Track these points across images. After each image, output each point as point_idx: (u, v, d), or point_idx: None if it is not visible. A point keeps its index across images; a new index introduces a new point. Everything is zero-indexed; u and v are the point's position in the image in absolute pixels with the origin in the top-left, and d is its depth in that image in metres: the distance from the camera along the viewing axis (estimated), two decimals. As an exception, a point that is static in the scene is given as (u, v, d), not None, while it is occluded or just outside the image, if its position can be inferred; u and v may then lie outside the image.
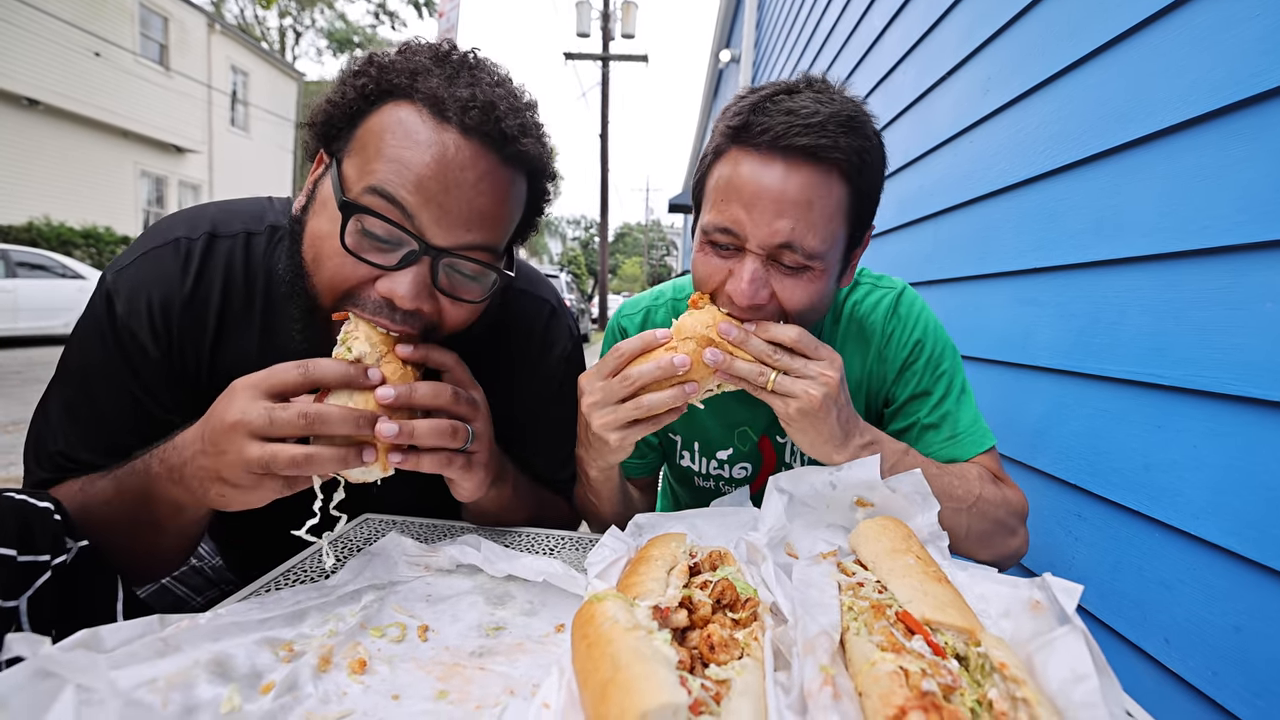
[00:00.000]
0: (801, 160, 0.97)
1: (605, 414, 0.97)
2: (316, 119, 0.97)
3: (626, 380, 0.94)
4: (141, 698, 0.61)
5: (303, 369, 0.86)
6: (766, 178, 0.98)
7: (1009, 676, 0.61)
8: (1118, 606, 1.29)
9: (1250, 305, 1.04)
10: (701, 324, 0.98)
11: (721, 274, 1.05)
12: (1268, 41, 1.02)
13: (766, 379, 0.97)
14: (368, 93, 0.92)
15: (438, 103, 0.89)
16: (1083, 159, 1.47)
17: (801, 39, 5.06)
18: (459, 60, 0.96)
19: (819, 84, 1.04)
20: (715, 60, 13.13)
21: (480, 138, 0.91)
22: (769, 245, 0.99)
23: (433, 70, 0.92)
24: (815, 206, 0.98)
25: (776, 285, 1.02)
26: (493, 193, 0.93)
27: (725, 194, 1.02)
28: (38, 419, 1.06)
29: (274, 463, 0.81)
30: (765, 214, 0.98)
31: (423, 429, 0.90)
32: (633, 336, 0.99)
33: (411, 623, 0.87)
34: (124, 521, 0.96)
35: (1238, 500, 1.04)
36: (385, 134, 0.90)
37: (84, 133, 17.45)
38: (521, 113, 0.96)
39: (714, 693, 0.62)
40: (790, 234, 0.98)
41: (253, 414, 0.81)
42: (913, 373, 1.27)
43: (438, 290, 0.94)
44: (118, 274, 1.04)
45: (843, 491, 1.03)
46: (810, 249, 0.99)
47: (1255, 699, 0.98)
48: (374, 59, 0.94)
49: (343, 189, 0.90)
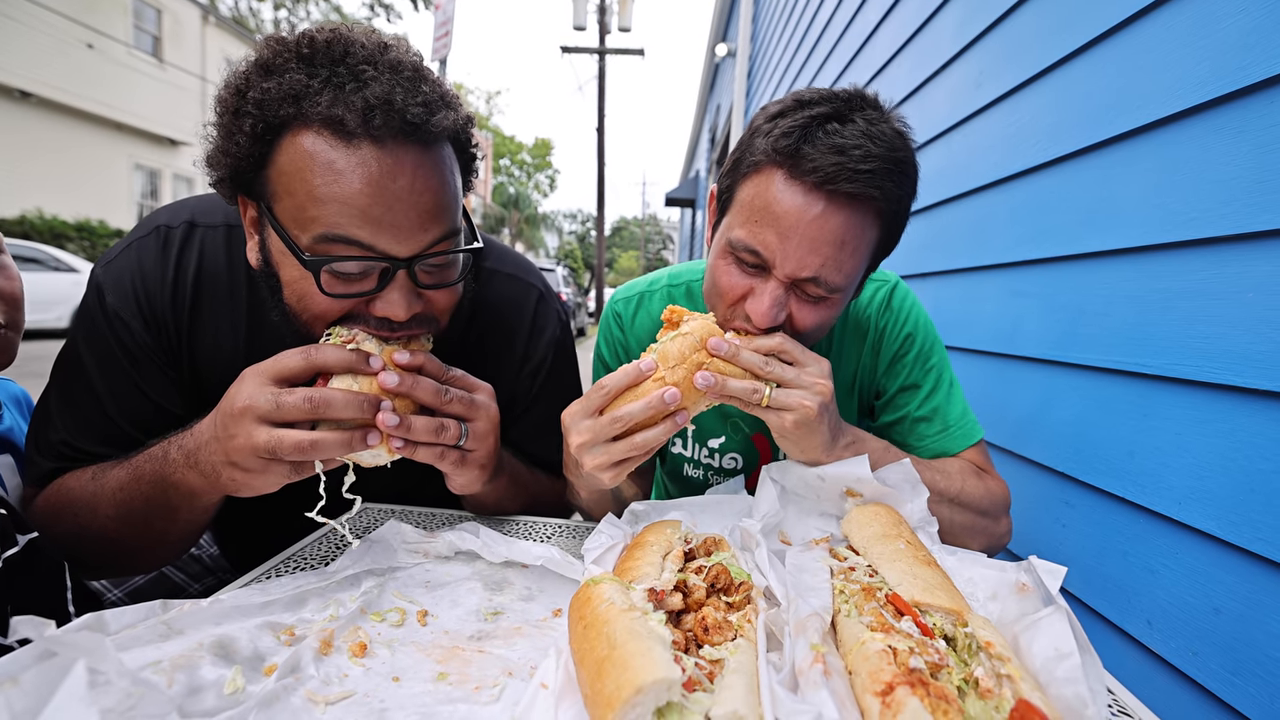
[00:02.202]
0: (844, 202, 0.97)
1: (597, 455, 0.93)
2: (222, 174, 0.92)
3: (616, 421, 0.90)
4: (147, 678, 0.62)
5: (306, 355, 0.87)
6: (807, 214, 0.97)
7: (994, 655, 0.63)
8: (1102, 590, 1.31)
9: (1233, 295, 1.06)
10: (687, 347, 0.94)
11: (741, 289, 1.05)
12: (1250, 38, 1.04)
13: (761, 395, 0.96)
14: (259, 133, 0.86)
15: (337, 122, 0.84)
16: (1073, 152, 1.49)
17: (798, 34, 5.06)
18: (328, 55, 0.88)
19: (871, 110, 1.01)
20: (711, 54, 13.09)
21: (394, 139, 0.87)
22: (795, 276, 1.00)
23: (310, 85, 0.85)
24: (848, 247, 0.99)
25: (794, 309, 1.04)
26: (430, 186, 0.91)
27: (760, 215, 1.00)
28: (39, 411, 1.08)
29: (280, 447, 0.83)
30: (799, 248, 0.98)
31: (419, 425, 0.91)
32: (615, 371, 0.93)
33: (411, 608, 0.88)
34: (139, 507, 0.98)
35: (1218, 486, 1.06)
36: (303, 173, 0.85)
37: (77, 125, 17.30)
38: (417, 87, 0.90)
39: (708, 671, 0.64)
40: (819, 270, 0.99)
41: (260, 399, 0.84)
42: (903, 365, 1.29)
43: (422, 289, 0.96)
44: (106, 266, 1.08)
45: (831, 484, 1.05)
46: (834, 285, 1.01)
47: (1233, 678, 1.01)
48: (246, 94, 0.87)
49: (295, 244, 0.88)
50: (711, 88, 14.91)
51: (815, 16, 4.41)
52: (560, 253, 63.02)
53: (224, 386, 1.14)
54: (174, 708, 0.62)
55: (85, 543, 1.03)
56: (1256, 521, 0.99)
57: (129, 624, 0.71)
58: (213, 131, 0.92)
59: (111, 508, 0.98)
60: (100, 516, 0.99)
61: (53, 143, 16.72)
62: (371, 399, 0.88)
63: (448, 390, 0.96)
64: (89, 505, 1.00)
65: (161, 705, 0.61)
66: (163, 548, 1.08)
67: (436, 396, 0.94)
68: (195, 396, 1.13)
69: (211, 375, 1.12)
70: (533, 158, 60.77)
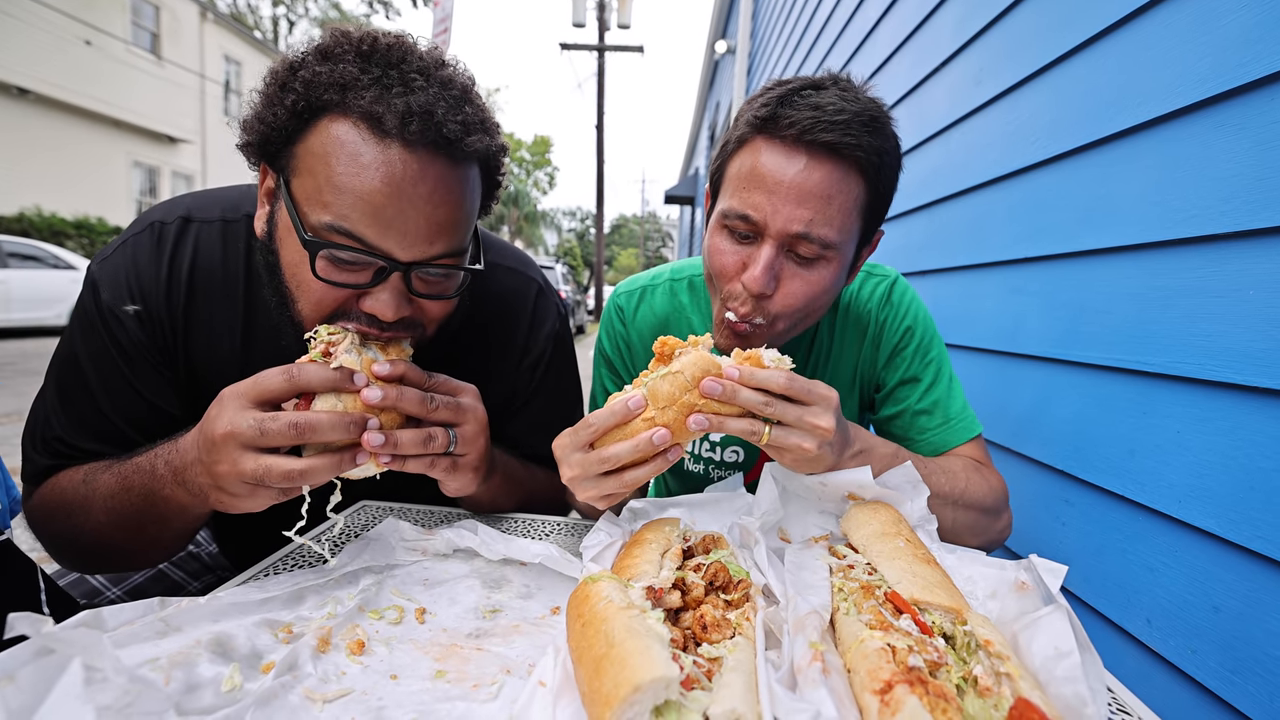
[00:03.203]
0: (824, 155, 1.00)
1: (588, 488, 0.92)
2: (251, 139, 0.94)
3: (605, 461, 0.88)
4: (145, 675, 0.62)
5: (288, 376, 0.85)
6: (790, 169, 1.00)
7: (993, 653, 0.62)
8: (1102, 589, 1.31)
9: (1233, 293, 1.06)
10: (678, 388, 0.88)
11: (737, 263, 1.07)
12: (1251, 34, 1.04)
13: (760, 435, 0.91)
14: (299, 110, 0.88)
15: (375, 118, 0.86)
16: (1073, 149, 1.49)
17: (797, 31, 5.05)
18: (386, 58, 0.90)
19: (844, 82, 1.06)
20: (711, 51, 13.08)
21: (425, 147, 0.88)
22: (787, 233, 1.02)
23: (360, 79, 0.87)
24: (834, 201, 1.01)
25: (786, 279, 1.05)
26: (448, 200, 0.91)
27: (747, 182, 1.04)
28: (36, 407, 1.08)
29: (268, 476, 0.82)
30: (786, 203, 1.00)
31: (405, 439, 0.90)
32: (603, 408, 0.90)
33: (409, 605, 0.88)
34: (130, 515, 0.98)
35: (1218, 484, 1.06)
36: (329, 157, 0.87)
37: (76, 122, 17.28)
38: (461, 107, 0.92)
39: (706, 669, 0.63)
40: (808, 224, 1.01)
41: (242, 425, 0.81)
42: (902, 358, 1.30)
43: (416, 296, 0.96)
44: (101, 264, 1.08)
45: (833, 489, 1.04)
46: (826, 240, 1.02)
47: (1232, 676, 1.01)
48: (297, 72, 0.89)
49: (301, 222, 0.88)
50: (711, 85, 14.89)
51: (815, 13, 4.40)
52: (559, 250, 62.93)
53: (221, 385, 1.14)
54: (171, 705, 0.61)
55: (80, 541, 1.03)
56: (1256, 520, 0.99)
57: (126, 621, 0.71)
58: (255, 98, 0.94)
59: (104, 513, 0.98)
60: (93, 520, 0.99)
61: (51, 140, 16.71)
62: (357, 418, 0.86)
63: (433, 398, 0.95)
64: (82, 507, 0.99)
65: (159, 703, 0.61)
66: (157, 549, 1.08)
67: (422, 406, 0.93)
68: (192, 395, 1.13)
69: (208, 373, 1.12)
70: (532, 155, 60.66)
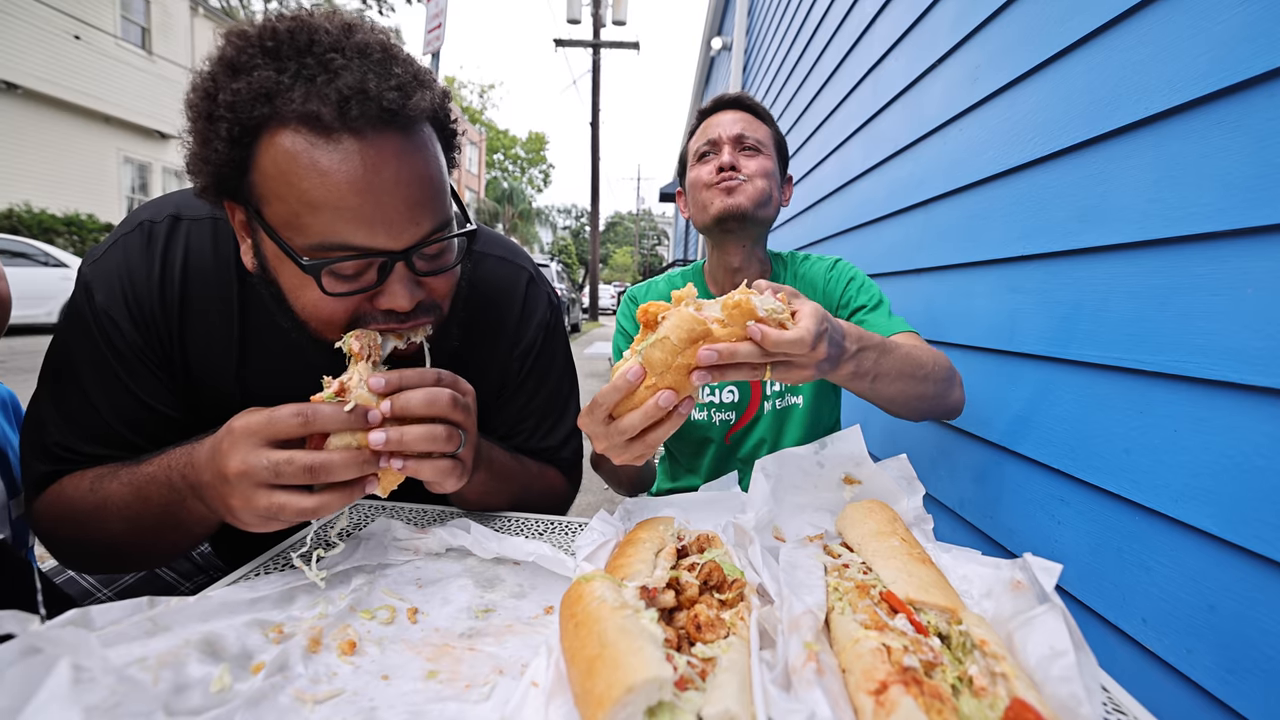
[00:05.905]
0: (741, 111, 1.75)
1: (620, 453, 0.96)
2: (205, 182, 0.90)
3: (624, 432, 0.92)
4: (133, 675, 0.61)
5: (302, 419, 0.84)
6: (725, 117, 1.74)
7: (989, 653, 0.62)
8: (1098, 588, 1.31)
9: (1231, 291, 1.05)
10: (669, 352, 0.89)
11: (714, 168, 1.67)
12: (1251, 29, 1.03)
13: (762, 372, 0.97)
14: (236, 136, 0.84)
15: (313, 119, 0.82)
16: (1070, 146, 1.48)
17: (793, 27, 5.04)
18: (294, 47, 0.85)
19: None
20: (706, 48, 13.05)
21: (373, 129, 0.85)
22: (732, 136, 1.69)
23: (281, 80, 0.82)
24: (751, 126, 1.72)
25: (744, 158, 1.68)
26: (416, 173, 0.89)
27: (704, 130, 1.75)
28: (31, 414, 1.07)
29: (282, 513, 0.84)
30: (726, 125, 1.71)
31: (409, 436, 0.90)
32: (605, 387, 0.94)
33: (401, 605, 0.87)
34: (150, 525, 0.98)
35: (1215, 483, 1.06)
36: (288, 176, 0.83)
37: (65, 118, 17.08)
38: (389, 69, 0.87)
39: (699, 669, 0.63)
40: (742, 130, 1.70)
41: (257, 465, 0.82)
42: (848, 297, 1.72)
43: (421, 276, 0.96)
44: (93, 264, 1.06)
45: (830, 469, 1.04)
46: (756, 139, 1.70)
47: (1228, 675, 1.01)
48: (216, 97, 0.84)
49: (290, 250, 0.87)
50: (707, 82, 14.86)
51: (811, 9, 4.39)
52: (554, 248, 62.80)
53: (220, 386, 1.13)
54: (159, 705, 0.61)
55: (92, 548, 1.03)
56: (1253, 519, 0.99)
57: (114, 620, 0.70)
58: (187, 138, 0.90)
59: (120, 522, 0.98)
60: (109, 529, 0.99)
61: (40, 136, 16.52)
62: (369, 457, 0.88)
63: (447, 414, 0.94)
64: (96, 516, 0.99)
65: (147, 703, 0.60)
66: (177, 550, 1.09)
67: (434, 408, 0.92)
68: (190, 396, 1.12)
69: (205, 372, 1.11)
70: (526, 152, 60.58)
